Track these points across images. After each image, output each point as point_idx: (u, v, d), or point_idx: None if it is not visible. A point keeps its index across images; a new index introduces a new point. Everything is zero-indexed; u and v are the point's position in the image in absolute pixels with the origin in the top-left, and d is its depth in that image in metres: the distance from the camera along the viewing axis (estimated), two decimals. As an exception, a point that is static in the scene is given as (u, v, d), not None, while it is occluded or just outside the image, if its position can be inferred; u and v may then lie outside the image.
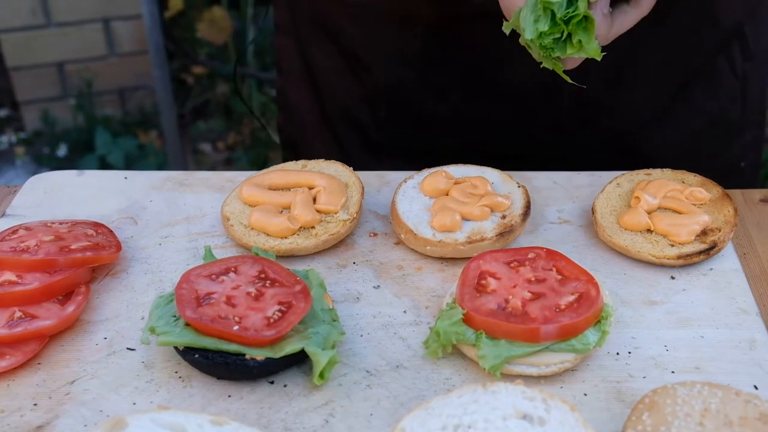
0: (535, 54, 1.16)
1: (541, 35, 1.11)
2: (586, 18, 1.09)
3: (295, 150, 1.84)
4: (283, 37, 1.77)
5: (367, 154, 1.71)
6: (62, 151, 3.97)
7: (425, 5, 1.48)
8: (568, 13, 1.09)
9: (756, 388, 1.08)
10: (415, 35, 1.54)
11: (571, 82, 1.19)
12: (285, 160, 1.55)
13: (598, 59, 1.13)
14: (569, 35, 1.11)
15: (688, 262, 1.26)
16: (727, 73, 1.61)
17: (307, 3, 1.67)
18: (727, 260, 1.29)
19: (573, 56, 1.12)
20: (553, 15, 1.09)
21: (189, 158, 4.19)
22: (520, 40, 1.16)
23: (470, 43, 1.52)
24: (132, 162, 3.91)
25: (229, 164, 4.17)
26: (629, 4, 1.15)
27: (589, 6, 1.09)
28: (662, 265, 1.27)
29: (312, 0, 1.65)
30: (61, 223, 1.31)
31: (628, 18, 1.16)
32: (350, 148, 1.73)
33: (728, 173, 1.65)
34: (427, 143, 1.64)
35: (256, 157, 4.10)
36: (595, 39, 1.11)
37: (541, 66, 1.18)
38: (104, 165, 3.85)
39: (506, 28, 1.15)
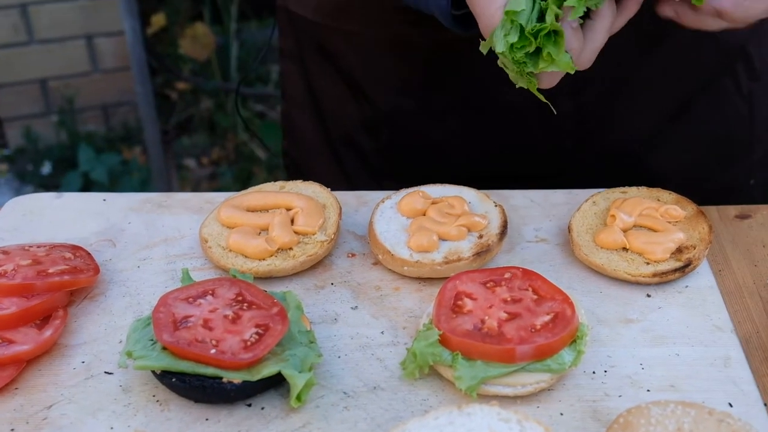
0: (511, 73, 1.17)
1: (512, 48, 1.11)
2: (555, 32, 1.11)
3: (298, 174, 1.85)
4: (287, 62, 1.79)
5: (369, 179, 1.73)
6: (46, 168, 3.96)
7: (421, 32, 1.49)
8: (536, 26, 1.10)
9: (731, 405, 1.09)
10: (412, 62, 1.55)
11: (545, 101, 1.20)
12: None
13: (571, 72, 1.14)
14: (539, 49, 1.12)
15: (663, 279, 1.27)
16: (732, 92, 1.62)
17: (309, 30, 1.69)
18: (703, 277, 1.30)
19: (545, 70, 1.13)
20: (522, 28, 1.10)
21: (173, 174, 4.19)
22: (498, 62, 1.17)
23: (467, 67, 1.53)
24: (116, 178, 3.90)
25: (213, 179, 4.17)
26: (590, 17, 1.15)
27: (558, 20, 1.10)
28: (638, 283, 1.28)
29: (314, 27, 1.67)
30: (38, 247, 1.31)
31: (597, 29, 1.16)
32: (353, 173, 1.75)
33: (738, 191, 1.66)
34: (428, 168, 1.65)
35: (240, 173, 4.10)
36: (565, 52, 1.12)
37: (517, 86, 1.19)
38: (87, 182, 3.84)
39: (483, 48, 1.16)
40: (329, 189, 1.43)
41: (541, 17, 1.11)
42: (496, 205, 1.37)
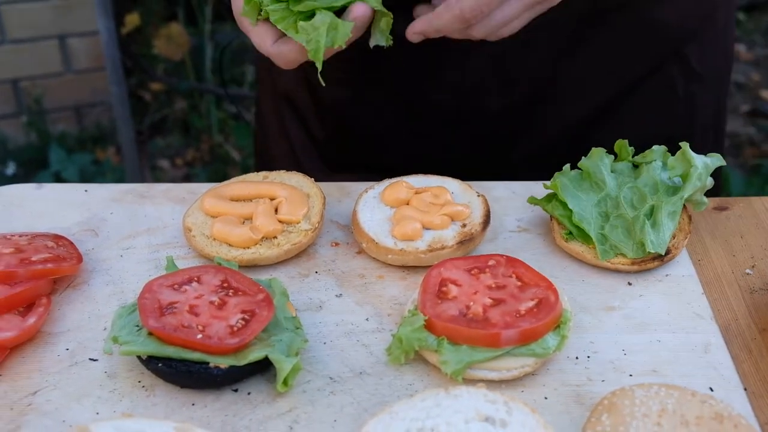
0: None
1: None
2: None
3: (267, 168, 1.87)
4: (263, 59, 1.82)
5: (325, 169, 1.74)
6: (10, 169, 3.92)
7: None
8: None
9: (711, 390, 1.10)
10: (348, 55, 1.57)
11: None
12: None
13: None
14: None
15: (642, 268, 1.29)
16: (665, 93, 1.62)
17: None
18: (682, 266, 1.32)
19: None
20: None
21: (147, 174, 4.18)
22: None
23: (397, 63, 1.55)
24: (88, 179, 3.88)
25: (187, 180, 4.15)
26: None
27: None
28: (618, 272, 1.30)
29: None
30: (21, 236, 1.31)
31: None
32: (308, 165, 1.77)
33: None
34: (374, 160, 1.67)
35: (214, 174, 4.09)
36: None
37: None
38: (59, 181, 3.82)
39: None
40: (313, 179, 1.44)
41: None
42: (478, 196, 1.38)
